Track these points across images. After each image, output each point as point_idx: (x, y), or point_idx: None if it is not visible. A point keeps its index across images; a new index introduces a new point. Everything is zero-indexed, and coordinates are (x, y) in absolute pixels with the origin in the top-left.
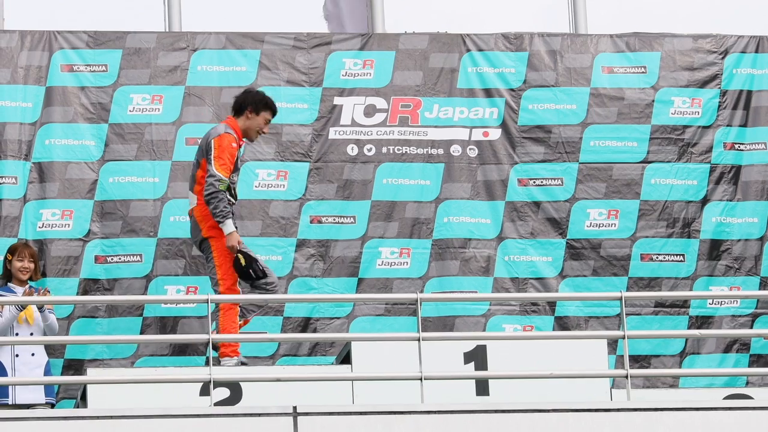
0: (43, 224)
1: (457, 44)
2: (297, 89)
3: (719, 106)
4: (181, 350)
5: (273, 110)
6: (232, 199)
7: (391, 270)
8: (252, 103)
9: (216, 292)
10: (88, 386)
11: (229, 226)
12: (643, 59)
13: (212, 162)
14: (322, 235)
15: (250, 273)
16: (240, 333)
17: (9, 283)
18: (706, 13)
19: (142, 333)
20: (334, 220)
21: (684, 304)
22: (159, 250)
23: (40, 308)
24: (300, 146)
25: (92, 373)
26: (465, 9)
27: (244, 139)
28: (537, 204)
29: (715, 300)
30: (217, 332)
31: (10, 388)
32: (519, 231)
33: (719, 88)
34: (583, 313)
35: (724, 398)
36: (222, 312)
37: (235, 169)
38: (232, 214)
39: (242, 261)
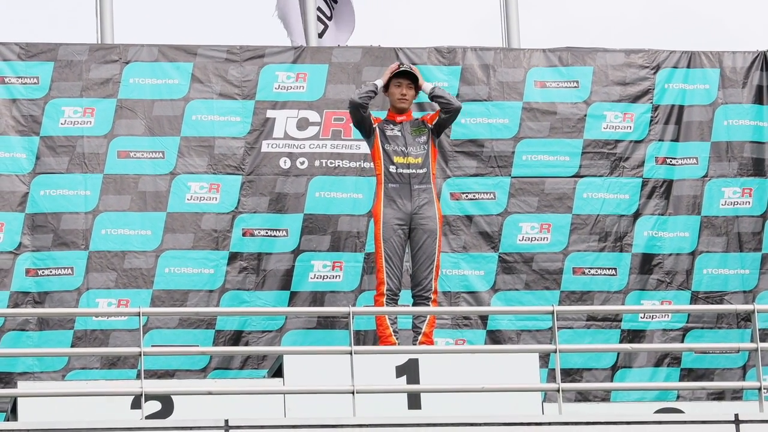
0: None
1: (390, 58)
2: (229, 102)
3: (651, 120)
4: (113, 363)
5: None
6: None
7: (324, 283)
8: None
9: None
10: (19, 399)
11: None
12: (575, 74)
13: None
14: (254, 248)
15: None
16: (172, 346)
17: None
18: (639, 29)
19: (73, 346)
20: (267, 233)
21: (616, 317)
22: (90, 263)
23: None
24: (232, 159)
25: (23, 386)
26: (399, 23)
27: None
28: (469, 218)
29: (646, 314)
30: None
31: None
32: (451, 245)
33: (651, 102)
34: (515, 327)
35: (655, 412)
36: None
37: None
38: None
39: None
